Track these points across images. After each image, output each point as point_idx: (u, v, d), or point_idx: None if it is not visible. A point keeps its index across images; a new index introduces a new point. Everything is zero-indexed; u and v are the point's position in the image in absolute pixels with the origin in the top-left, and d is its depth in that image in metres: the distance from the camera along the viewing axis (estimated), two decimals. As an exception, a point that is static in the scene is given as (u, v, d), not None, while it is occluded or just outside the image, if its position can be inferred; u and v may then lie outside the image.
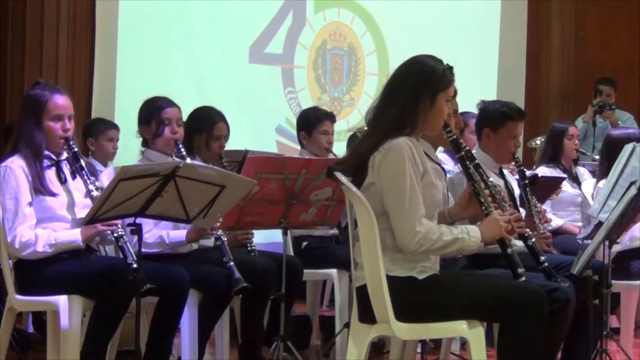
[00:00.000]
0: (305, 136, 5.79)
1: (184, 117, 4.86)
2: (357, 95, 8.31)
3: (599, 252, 4.40)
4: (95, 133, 5.92)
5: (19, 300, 4.04)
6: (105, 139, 5.89)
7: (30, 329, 5.66)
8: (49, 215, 4.02)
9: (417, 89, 3.53)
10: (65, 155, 4.12)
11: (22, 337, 4.97)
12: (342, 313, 5.29)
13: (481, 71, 8.82)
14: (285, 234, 4.62)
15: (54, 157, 4.10)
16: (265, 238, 5.29)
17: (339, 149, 6.17)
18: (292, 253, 5.16)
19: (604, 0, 9.54)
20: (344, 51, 8.40)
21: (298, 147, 6.06)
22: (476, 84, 7.91)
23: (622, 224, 4.43)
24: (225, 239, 4.46)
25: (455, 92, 3.78)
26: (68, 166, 4.13)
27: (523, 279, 3.60)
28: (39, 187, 3.98)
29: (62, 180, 4.10)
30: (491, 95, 8.15)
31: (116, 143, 5.97)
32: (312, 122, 5.79)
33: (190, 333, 4.27)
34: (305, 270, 5.08)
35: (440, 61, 3.61)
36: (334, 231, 5.38)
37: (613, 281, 4.64)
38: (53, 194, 4.02)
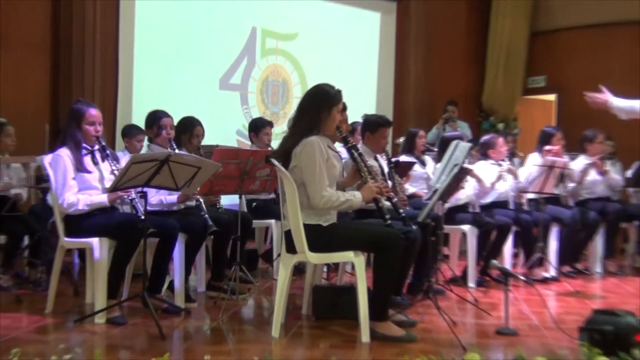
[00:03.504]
0: (254, 136, 5.71)
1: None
2: (288, 111, 8.20)
3: (436, 207, 4.47)
4: (129, 135, 5.71)
5: (67, 242, 3.96)
6: (136, 140, 5.65)
7: (77, 260, 5.56)
8: (87, 185, 3.92)
9: (319, 105, 3.56)
10: (97, 146, 4.03)
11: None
12: (277, 247, 5.30)
13: (365, 95, 8.85)
14: (240, 197, 4.58)
15: (89, 147, 4.00)
16: (228, 201, 5.22)
17: (277, 145, 6.15)
18: (245, 209, 5.11)
19: (447, 53, 9.64)
20: (280, 83, 8.34)
21: (249, 143, 5.99)
22: (362, 103, 7.90)
23: (449, 190, 4.50)
24: (202, 200, 4.43)
25: (345, 108, 3.79)
26: (99, 154, 4.04)
27: (389, 222, 3.63)
28: (79, 167, 3.89)
29: (95, 163, 4.00)
30: (371, 110, 8.24)
31: (143, 142, 5.67)
32: (259, 127, 5.72)
33: (179, 261, 4.21)
34: (254, 221, 5.06)
35: (333, 87, 3.62)
36: (272, 196, 5.34)
37: (444, 226, 4.74)
38: (88, 172, 3.93)
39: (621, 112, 4.37)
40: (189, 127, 4.85)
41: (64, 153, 3.90)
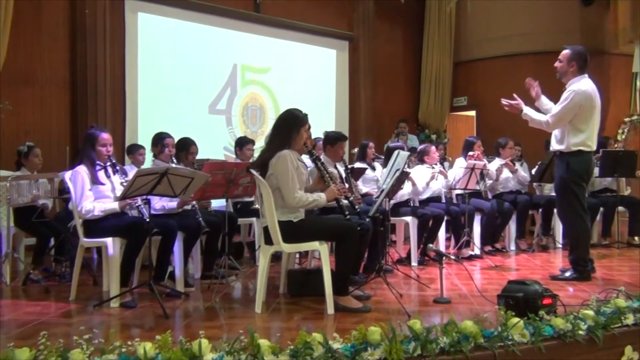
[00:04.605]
0: (239, 150, 5.66)
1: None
2: (265, 130, 8.11)
3: (384, 203, 4.45)
4: (132, 151, 5.61)
5: (86, 241, 3.85)
6: (138, 154, 5.56)
7: (95, 256, 5.41)
8: (101, 195, 3.81)
9: (289, 126, 3.53)
10: (108, 163, 3.93)
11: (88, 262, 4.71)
12: (258, 240, 5.21)
13: (325, 115, 8.81)
14: (227, 200, 4.51)
15: (102, 164, 3.90)
16: (218, 204, 5.14)
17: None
18: (232, 210, 5.05)
19: (389, 81, 9.66)
20: (257, 107, 8.26)
21: (234, 156, 5.91)
22: (323, 121, 7.94)
23: (393, 190, 4.49)
24: (197, 205, 4.34)
25: (309, 127, 3.75)
26: (110, 169, 3.94)
27: (348, 217, 3.61)
28: (94, 180, 3.79)
29: (107, 176, 3.90)
30: (331, 127, 8.23)
31: (144, 155, 5.61)
32: (243, 144, 5.67)
33: (178, 254, 4.13)
34: (239, 219, 4.99)
35: (301, 111, 3.59)
36: (253, 198, 5.29)
37: (391, 217, 4.75)
38: (102, 184, 3.82)
39: (529, 120, 4.43)
40: (186, 146, 4.79)
41: (81, 169, 3.79)
